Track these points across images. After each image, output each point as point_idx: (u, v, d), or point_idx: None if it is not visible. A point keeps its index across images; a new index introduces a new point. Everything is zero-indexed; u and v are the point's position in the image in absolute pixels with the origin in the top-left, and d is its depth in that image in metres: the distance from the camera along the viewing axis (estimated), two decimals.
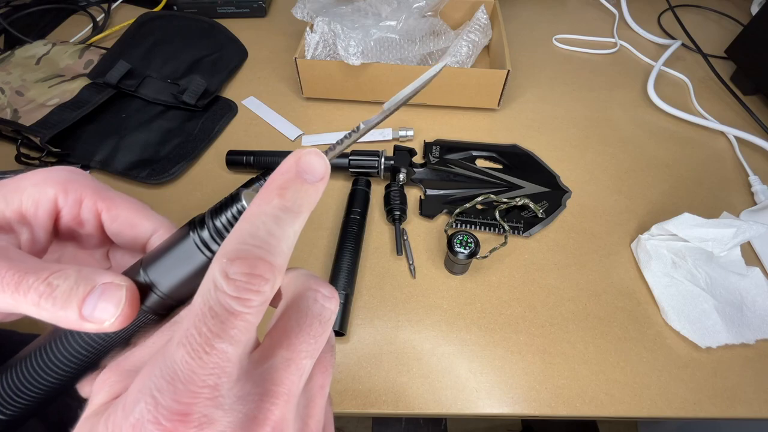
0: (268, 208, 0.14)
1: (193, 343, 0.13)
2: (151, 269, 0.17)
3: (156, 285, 0.17)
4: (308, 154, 0.16)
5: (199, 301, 0.13)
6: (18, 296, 0.15)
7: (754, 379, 0.38)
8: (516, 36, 0.70)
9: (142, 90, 0.56)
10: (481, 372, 0.38)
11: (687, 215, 0.41)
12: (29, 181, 0.18)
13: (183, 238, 0.17)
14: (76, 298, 0.15)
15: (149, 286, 0.17)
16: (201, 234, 0.16)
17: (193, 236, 0.16)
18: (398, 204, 0.46)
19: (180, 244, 0.17)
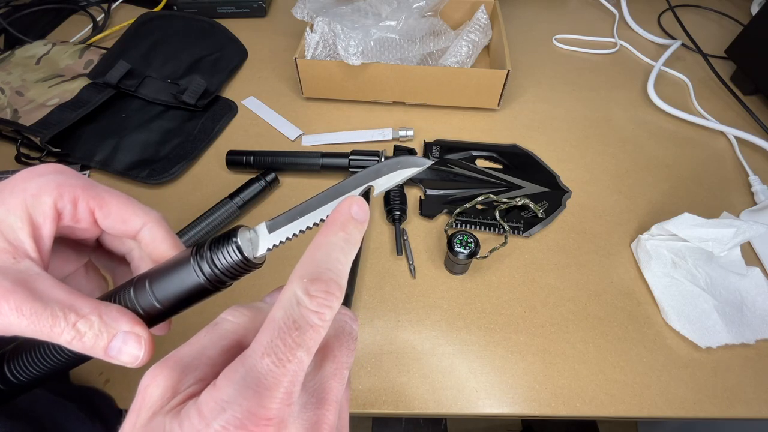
0: (335, 239, 0.18)
1: (278, 353, 0.15)
2: (155, 284, 0.20)
3: (156, 296, 0.20)
4: (358, 201, 0.20)
5: (281, 314, 0.15)
6: (53, 335, 0.18)
7: (754, 379, 0.38)
8: (516, 36, 0.70)
9: (142, 90, 0.56)
10: (481, 372, 0.38)
11: (687, 215, 0.41)
12: (27, 193, 0.19)
13: (184, 263, 0.20)
14: (102, 343, 0.18)
15: (150, 296, 0.20)
16: (199, 261, 0.19)
17: (193, 262, 0.20)
18: (398, 204, 0.46)
19: (181, 267, 0.20)
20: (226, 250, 0.19)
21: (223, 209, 0.45)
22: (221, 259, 0.19)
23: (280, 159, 0.50)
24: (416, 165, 0.21)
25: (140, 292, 0.20)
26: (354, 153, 0.49)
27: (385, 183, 0.22)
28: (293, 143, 0.55)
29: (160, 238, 0.22)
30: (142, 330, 0.19)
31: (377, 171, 0.21)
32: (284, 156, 0.50)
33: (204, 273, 0.19)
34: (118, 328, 0.19)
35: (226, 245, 0.20)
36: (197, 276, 0.19)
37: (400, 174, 0.22)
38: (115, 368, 0.38)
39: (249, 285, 0.41)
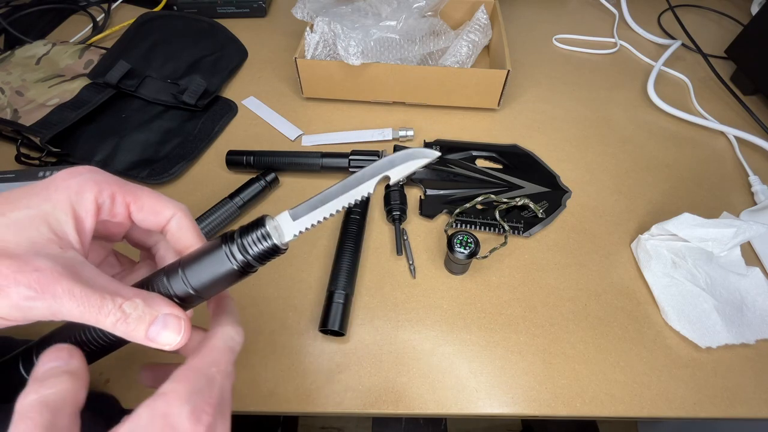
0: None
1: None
2: (188, 271, 0.22)
3: (189, 282, 0.21)
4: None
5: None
6: (100, 318, 0.19)
7: (754, 379, 0.38)
8: (516, 36, 0.70)
9: (142, 90, 0.56)
10: (481, 372, 0.38)
11: (687, 215, 0.41)
12: (71, 190, 0.21)
13: (216, 249, 0.22)
14: (144, 325, 0.20)
15: (184, 282, 0.21)
16: (231, 247, 0.21)
17: (225, 248, 0.21)
18: (398, 204, 0.46)
19: (213, 253, 0.22)
20: (256, 236, 0.22)
21: (223, 209, 0.45)
22: (252, 246, 0.22)
23: (280, 159, 0.50)
24: (426, 156, 0.24)
25: (174, 280, 0.22)
26: (354, 153, 0.49)
27: (399, 173, 0.24)
28: (293, 143, 0.55)
29: (186, 227, 0.24)
30: (181, 312, 0.21)
31: (391, 161, 0.23)
32: (284, 156, 0.50)
33: (236, 259, 0.21)
34: (159, 310, 0.20)
35: (257, 232, 0.22)
36: (230, 262, 0.21)
37: (413, 164, 0.24)
38: (115, 368, 0.38)
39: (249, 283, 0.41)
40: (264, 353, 0.39)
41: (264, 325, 0.40)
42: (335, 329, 0.38)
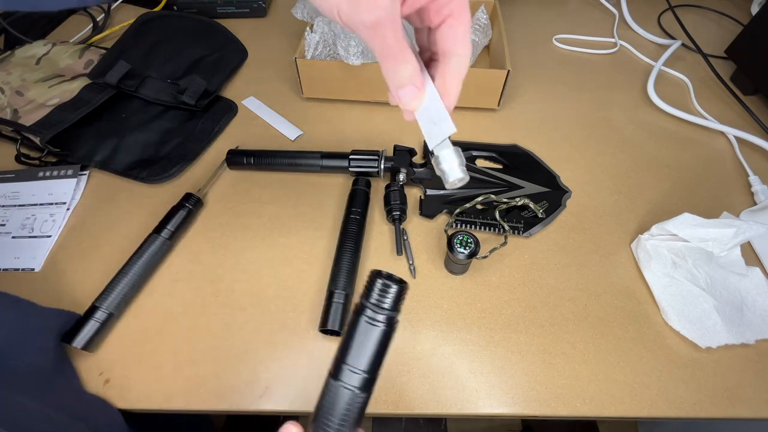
0: None
1: None
2: (349, 359, 0.23)
3: (358, 369, 0.23)
4: None
5: None
6: (389, 63, 0.25)
7: (754, 379, 0.38)
8: (516, 36, 0.70)
9: (142, 90, 0.56)
10: (481, 372, 0.38)
11: (687, 215, 0.41)
12: None
13: (356, 325, 0.23)
14: (401, 85, 0.26)
15: (354, 372, 0.23)
16: (366, 314, 0.23)
17: (364, 318, 0.23)
18: (398, 204, 0.46)
19: (356, 329, 0.23)
20: (377, 290, 0.23)
21: (153, 245, 0.43)
22: (379, 299, 0.23)
23: (280, 159, 0.50)
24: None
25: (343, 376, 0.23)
26: (354, 153, 0.49)
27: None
28: (293, 143, 0.55)
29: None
30: (421, 80, 0.26)
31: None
32: (284, 156, 0.50)
33: (377, 320, 0.23)
34: (414, 81, 0.26)
35: (374, 288, 0.23)
36: (372, 325, 0.23)
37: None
38: (115, 369, 0.38)
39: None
40: (264, 353, 0.39)
41: (264, 325, 0.40)
42: (335, 329, 0.38)
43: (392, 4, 0.22)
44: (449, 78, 0.26)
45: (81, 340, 0.37)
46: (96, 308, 0.38)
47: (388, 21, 0.23)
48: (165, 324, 0.40)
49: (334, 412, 0.22)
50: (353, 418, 0.23)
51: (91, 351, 0.38)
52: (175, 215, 0.45)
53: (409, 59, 0.25)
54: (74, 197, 0.49)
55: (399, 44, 0.24)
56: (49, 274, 0.44)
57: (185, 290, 0.43)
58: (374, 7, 0.22)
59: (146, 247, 0.43)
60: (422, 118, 0.27)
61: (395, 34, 0.23)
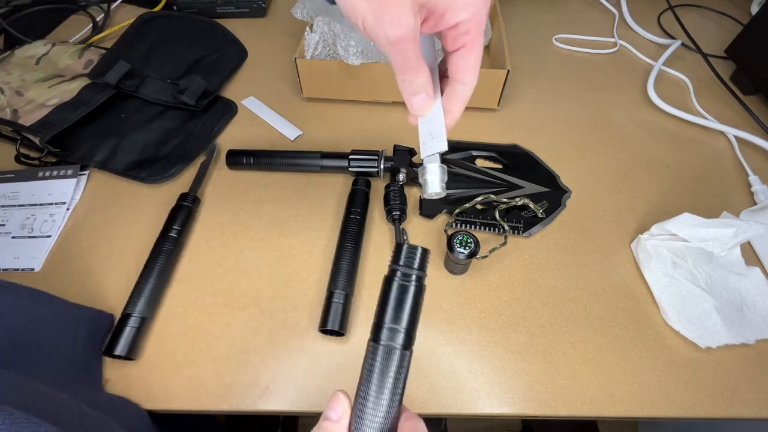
0: None
1: None
2: (389, 320, 0.24)
3: (400, 327, 0.24)
4: None
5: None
6: (405, 75, 0.26)
7: (754, 379, 0.38)
8: (516, 36, 0.70)
9: (142, 90, 0.56)
10: (481, 372, 0.38)
11: (687, 215, 0.41)
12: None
13: (390, 289, 0.25)
14: (415, 92, 0.27)
15: (396, 331, 0.24)
16: (398, 277, 0.25)
17: (396, 281, 0.25)
18: (398, 204, 0.46)
19: (391, 292, 0.25)
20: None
21: (167, 245, 0.43)
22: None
23: (279, 159, 0.50)
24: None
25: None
26: (354, 153, 0.49)
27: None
28: (293, 143, 0.55)
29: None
30: (432, 96, 0.28)
31: None
32: (284, 156, 0.50)
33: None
34: (428, 90, 0.27)
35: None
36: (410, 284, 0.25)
37: None
38: (115, 369, 0.38)
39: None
40: (264, 353, 0.39)
41: (264, 325, 0.40)
42: (335, 329, 0.38)
43: (415, 23, 0.24)
44: (454, 101, 0.28)
45: (122, 348, 0.37)
46: (128, 315, 0.39)
47: (410, 38, 0.24)
48: (165, 324, 0.40)
49: (386, 372, 0.23)
50: (404, 376, 0.24)
51: (135, 358, 0.38)
52: (178, 214, 0.45)
53: (424, 70, 0.26)
54: (74, 197, 0.49)
55: (417, 58, 0.25)
56: (48, 274, 0.44)
57: (185, 290, 0.43)
58: (398, 26, 0.23)
59: (162, 248, 0.43)
60: (423, 127, 0.29)
61: (415, 49, 0.25)
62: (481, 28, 0.26)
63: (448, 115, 0.29)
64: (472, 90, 0.28)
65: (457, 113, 0.29)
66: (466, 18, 0.25)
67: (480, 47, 0.26)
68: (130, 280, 0.42)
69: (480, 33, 0.26)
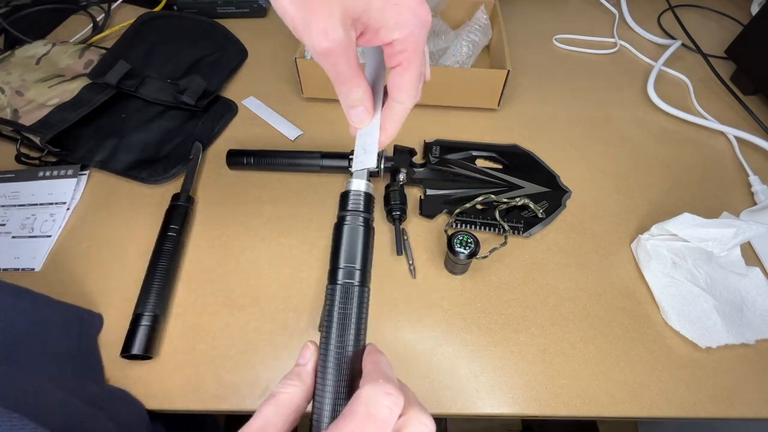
0: (384, 359, 0.24)
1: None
2: (344, 261, 0.25)
3: (354, 267, 0.25)
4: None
5: (362, 410, 0.19)
6: (341, 87, 0.25)
7: (754, 379, 0.38)
8: (516, 36, 0.70)
9: (142, 90, 0.56)
10: (481, 372, 0.38)
11: (687, 215, 0.41)
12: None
13: (341, 232, 0.26)
14: (353, 105, 0.27)
15: (352, 270, 0.25)
16: (347, 221, 0.26)
17: (346, 225, 0.26)
18: (398, 204, 0.46)
19: (342, 236, 0.26)
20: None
21: (167, 245, 0.43)
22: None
23: (280, 159, 0.50)
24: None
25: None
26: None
27: None
28: (293, 143, 0.55)
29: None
30: (371, 109, 0.27)
31: None
32: (284, 156, 0.50)
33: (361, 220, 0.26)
34: (366, 103, 0.27)
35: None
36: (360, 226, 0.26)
37: None
38: (115, 368, 0.38)
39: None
40: (264, 353, 0.39)
41: (264, 325, 0.40)
42: None
43: (345, 36, 0.23)
44: (389, 119, 0.27)
45: (138, 346, 0.37)
46: (141, 314, 0.39)
47: (340, 51, 0.23)
48: (165, 324, 0.40)
49: (347, 310, 0.24)
50: (365, 313, 0.25)
51: (153, 355, 0.38)
52: (173, 214, 0.45)
53: (361, 84, 0.26)
54: (74, 197, 0.49)
55: (351, 71, 0.25)
56: (49, 274, 0.44)
57: (185, 290, 0.43)
58: (325, 38, 0.22)
59: (163, 247, 0.43)
60: (359, 140, 0.28)
61: (348, 62, 0.24)
62: (417, 49, 0.25)
63: (383, 132, 0.28)
64: (407, 109, 0.27)
65: (391, 131, 0.28)
66: (399, 37, 0.24)
67: (416, 68, 0.25)
68: (131, 280, 0.42)
69: (416, 53, 0.25)
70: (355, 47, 0.24)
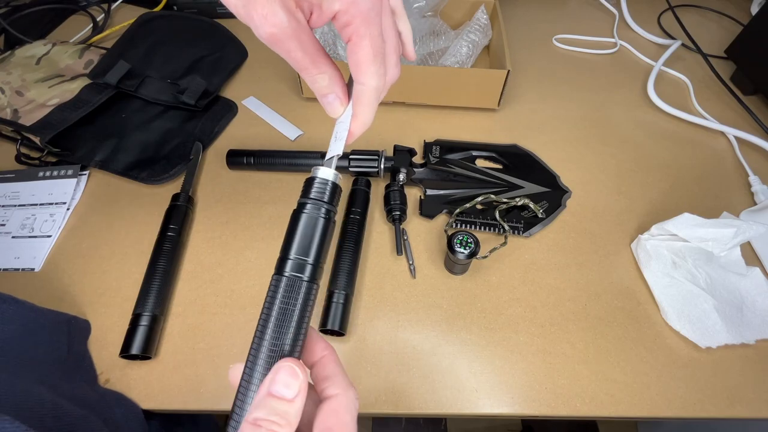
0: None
1: None
2: (296, 252, 0.23)
3: (307, 260, 0.23)
4: (280, 376, 0.20)
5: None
6: (303, 75, 0.24)
7: (754, 379, 0.38)
8: (516, 36, 0.70)
9: (142, 90, 0.56)
10: (481, 372, 0.38)
11: (687, 215, 0.41)
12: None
13: (299, 220, 0.24)
14: (322, 94, 0.26)
15: (304, 263, 0.23)
16: (306, 209, 0.24)
17: (305, 213, 0.24)
18: (398, 204, 0.46)
19: (299, 224, 0.24)
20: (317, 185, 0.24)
21: (164, 246, 0.43)
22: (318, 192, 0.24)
23: (280, 159, 0.50)
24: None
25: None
26: (354, 153, 0.49)
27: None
28: (293, 143, 0.55)
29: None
30: (344, 95, 0.26)
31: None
32: (284, 156, 0.50)
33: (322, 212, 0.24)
34: (336, 90, 0.25)
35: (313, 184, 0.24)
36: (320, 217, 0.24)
37: None
38: (115, 368, 0.38)
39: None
40: None
41: None
42: (335, 329, 0.38)
43: (290, 19, 0.21)
44: (356, 104, 0.25)
45: (137, 346, 0.37)
46: (140, 315, 0.39)
47: (287, 35, 0.22)
48: (165, 324, 0.40)
49: (290, 305, 0.22)
50: (310, 311, 0.22)
51: (152, 355, 0.38)
52: (173, 214, 0.45)
53: (325, 70, 0.24)
54: (74, 197, 0.49)
55: (309, 56, 0.23)
56: (49, 274, 0.44)
57: (185, 290, 0.43)
58: (267, 24, 0.21)
59: (163, 247, 0.43)
60: (336, 128, 0.27)
61: (301, 46, 0.22)
62: (365, 20, 0.23)
63: (353, 119, 0.26)
64: (372, 91, 0.25)
65: (362, 117, 0.25)
66: (341, 8, 0.22)
67: (369, 42, 0.23)
68: (131, 280, 0.42)
69: (366, 24, 0.23)
70: (308, 30, 0.23)
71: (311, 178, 0.24)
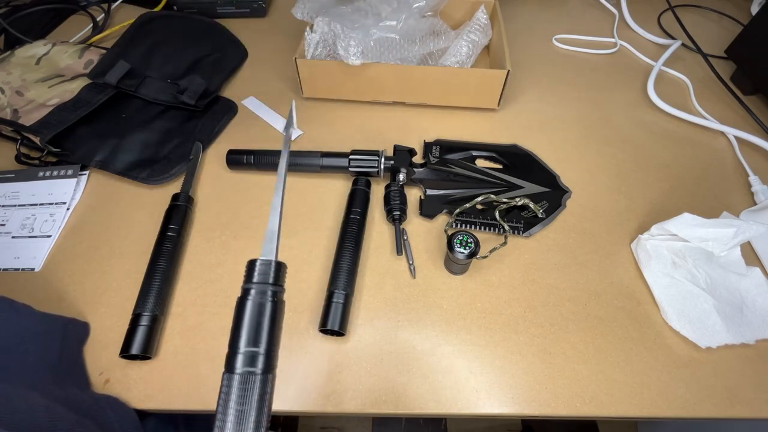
0: None
1: None
2: (246, 343, 0.23)
3: (259, 351, 0.23)
4: None
5: None
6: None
7: (754, 379, 0.38)
8: (516, 36, 0.70)
9: (142, 90, 0.56)
10: (481, 372, 0.38)
11: (687, 215, 0.41)
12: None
13: (244, 309, 0.23)
14: None
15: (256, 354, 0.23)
16: (251, 295, 0.24)
17: (250, 300, 0.23)
18: (398, 204, 0.46)
19: (245, 313, 0.23)
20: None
21: (164, 247, 0.43)
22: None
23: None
24: None
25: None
26: (354, 153, 0.49)
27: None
28: (293, 143, 0.55)
29: None
30: None
31: None
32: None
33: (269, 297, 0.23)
34: None
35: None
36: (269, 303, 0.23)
37: None
38: (115, 369, 0.38)
39: None
40: None
41: None
42: (335, 329, 0.38)
43: None
44: None
45: (137, 346, 0.37)
46: (139, 315, 0.39)
47: None
48: (165, 324, 0.40)
49: (246, 404, 0.21)
50: (268, 404, 0.22)
51: (152, 355, 0.38)
52: (173, 214, 0.45)
53: None
54: (74, 197, 0.49)
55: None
56: (49, 274, 0.44)
57: (185, 290, 0.43)
58: None
59: (163, 247, 0.43)
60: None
61: None
62: None
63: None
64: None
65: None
66: None
67: None
68: (131, 280, 0.42)
69: None
70: None
71: (252, 261, 0.24)
